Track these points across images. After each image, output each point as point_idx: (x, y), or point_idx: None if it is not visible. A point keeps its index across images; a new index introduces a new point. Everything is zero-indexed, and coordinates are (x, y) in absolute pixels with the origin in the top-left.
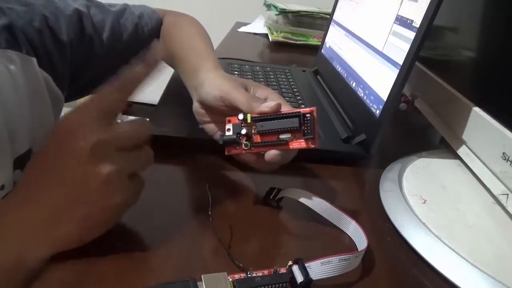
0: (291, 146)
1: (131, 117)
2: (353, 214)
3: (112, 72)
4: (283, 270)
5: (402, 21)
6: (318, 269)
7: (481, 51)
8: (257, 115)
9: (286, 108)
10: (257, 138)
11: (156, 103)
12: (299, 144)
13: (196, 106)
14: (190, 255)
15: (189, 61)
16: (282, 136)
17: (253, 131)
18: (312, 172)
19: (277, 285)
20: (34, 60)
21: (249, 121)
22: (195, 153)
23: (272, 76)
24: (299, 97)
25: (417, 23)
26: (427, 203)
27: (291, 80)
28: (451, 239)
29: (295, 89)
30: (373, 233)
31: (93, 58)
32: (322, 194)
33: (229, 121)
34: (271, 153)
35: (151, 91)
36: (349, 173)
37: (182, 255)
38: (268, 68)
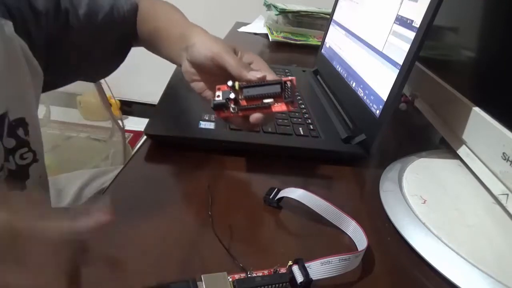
0: (273, 109)
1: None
2: (353, 214)
3: (88, 54)
4: (283, 270)
5: (402, 21)
6: (318, 269)
7: (481, 51)
8: (244, 83)
9: (270, 76)
10: (243, 103)
11: (156, 103)
12: (280, 107)
13: (186, 65)
14: (190, 255)
15: (175, 31)
16: (266, 101)
17: (240, 97)
18: (312, 172)
19: (277, 285)
20: (10, 23)
21: (237, 88)
22: (195, 153)
23: None
24: (299, 97)
25: (417, 23)
26: (427, 203)
27: None
28: (451, 239)
29: None
30: (373, 233)
31: (69, 33)
32: (322, 194)
33: (219, 89)
34: (255, 116)
35: (151, 91)
36: (349, 173)
37: (182, 255)
38: None
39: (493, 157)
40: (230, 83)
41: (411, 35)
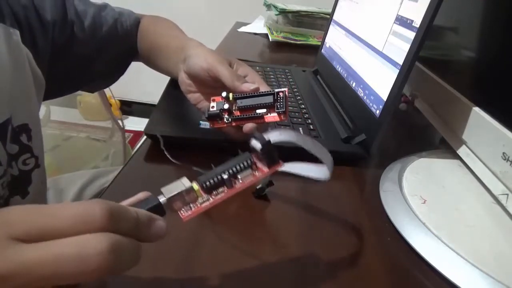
0: (266, 120)
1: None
2: (353, 214)
3: (90, 65)
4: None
5: (402, 21)
6: (276, 136)
7: (481, 51)
8: (238, 94)
9: (263, 88)
10: (237, 113)
11: (156, 103)
12: (273, 117)
13: (182, 76)
14: (190, 254)
15: (173, 45)
16: (259, 111)
17: (234, 107)
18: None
19: (241, 165)
20: (17, 32)
21: (231, 98)
22: (195, 153)
23: (272, 76)
24: (299, 97)
25: (417, 23)
26: (427, 203)
27: (291, 80)
28: (451, 239)
29: (295, 89)
30: (373, 233)
31: (73, 43)
32: (322, 194)
33: (214, 100)
34: (249, 126)
35: (151, 91)
36: (349, 173)
37: (182, 255)
38: (268, 68)
39: (493, 157)
40: (224, 94)
41: (411, 35)
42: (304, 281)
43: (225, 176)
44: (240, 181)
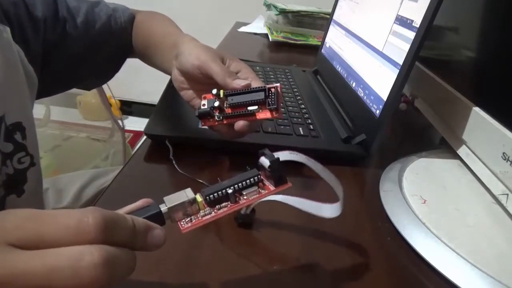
0: (258, 117)
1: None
2: (353, 214)
3: (84, 63)
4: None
5: (402, 21)
6: (286, 156)
7: (481, 51)
8: (229, 90)
9: (256, 84)
10: (228, 111)
11: (156, 103)
12: (264, 114)
13: (175, 73)
14: (190, 255)
15: (167, 41)
16: (250, 108)
17: (225, 105)
18: (312, 172)
19: (248, 181)
20: (8, 29)
21: (221, 96)
22: (194, 153)
23: (272, 76)
24: (299, 97)
25: (417, 23)
26: (427, 203)
27: (291, 80)
28: (451, 239)
29: (295, 89)
30: (373, 233)
31: (66, 40)
32: (322, 194)
33: (205, 98)
34: (240, 124)
35: (151, 91)
36: (349, 173)
37: (181, 255)
38: (268, 68)
39: (493, 157)
40: (214, 91)
41: (411, 35)
42: (304, 280)
43: (229, 191)
44: (245, 197)
